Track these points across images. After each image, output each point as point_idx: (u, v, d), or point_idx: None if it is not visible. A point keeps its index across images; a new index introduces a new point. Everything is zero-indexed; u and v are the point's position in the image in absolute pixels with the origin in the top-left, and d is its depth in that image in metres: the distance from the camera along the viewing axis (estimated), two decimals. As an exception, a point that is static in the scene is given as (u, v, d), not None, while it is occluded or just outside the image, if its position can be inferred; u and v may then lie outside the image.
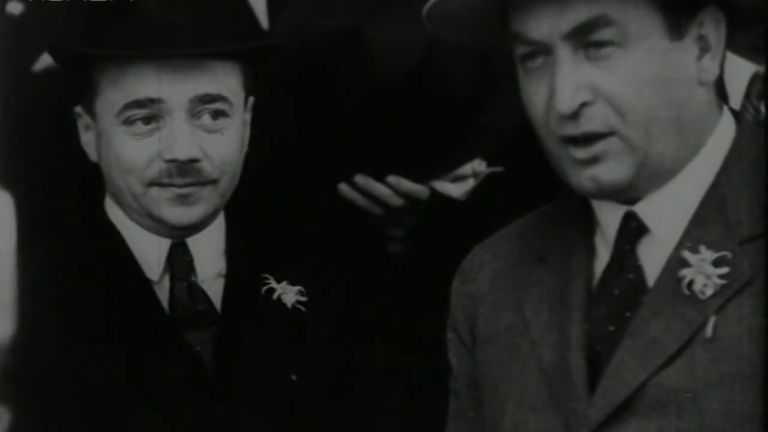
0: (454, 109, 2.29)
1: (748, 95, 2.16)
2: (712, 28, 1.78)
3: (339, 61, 2.28)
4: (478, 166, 2.33)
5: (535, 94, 1.80)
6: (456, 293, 1.99)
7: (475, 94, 2.30)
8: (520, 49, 1.80)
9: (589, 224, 1.86)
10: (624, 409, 1.75)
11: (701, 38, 1.77)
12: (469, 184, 2.32)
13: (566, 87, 1.75)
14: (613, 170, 1.76)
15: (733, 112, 1.84)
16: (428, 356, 2.18)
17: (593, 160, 1.76)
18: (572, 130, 1.76)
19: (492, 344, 1.91)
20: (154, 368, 2.05)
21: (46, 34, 2.16)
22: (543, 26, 1.76)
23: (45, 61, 2.18)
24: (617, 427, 1.75)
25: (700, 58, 1.77)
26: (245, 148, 2.14)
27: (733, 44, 1.83)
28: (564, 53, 1.75)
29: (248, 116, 2.15)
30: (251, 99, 2.14)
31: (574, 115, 1.75)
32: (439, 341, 2.04)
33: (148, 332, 2.07)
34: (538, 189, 2.13)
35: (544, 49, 1.77)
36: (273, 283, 2.13)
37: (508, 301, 1.90)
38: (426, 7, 1.83)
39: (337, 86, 2.28)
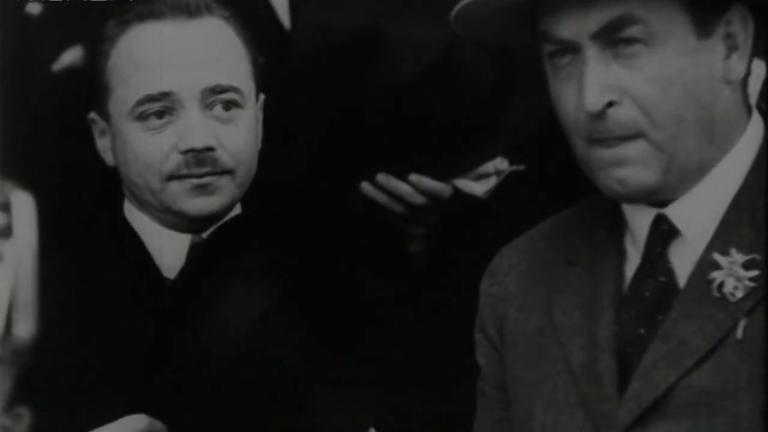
0: (475, 107, 2.28)
1: (763, 95, 2.15)
2: (740, 26, 1.77)
3: (360, 60, 2.27)
4: (501, 164, 2.32)
5: (563, 94, 1.79)
6: (484, 294, 1.98)
7: (497, 92, 2.29)
8: (549, 49, 1.80)
9: (618, 226, 1.86)
10: (653, 410, 1.75)
11: (729, 37, 1.76)
12: (492, 182, 2.31)
13: (593, 85, 1.74)
14: (641, 173, 1.75)
15: (762, 112, 1.83)
16: (453, 356, 2.18)
17: (621, 162, 1.76)
18: (601, 131, 1.76)
19: (520, 345, 1.91)
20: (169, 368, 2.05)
21: (65, 34, 2.16)
22: (571, 25, 1.75)
23: (64, 61, 2.18)
24: (646, 429, 1.75)
25: (727, 57, 1.76)
26: (259, 144, 2.14)
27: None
28: (592, 52, 1.75)
29: (260, 114, 2.15)
30: (262, 96, 2.14)
31: (602, 115, 1.75)
32: (462, 340, 2.04)
33: (165, 332, 2.07)
34: (559, 187, 2.13)
35: (572, 48, 1.76)
36: None
37: (537, 303, 1.90)
38: (455, 10, 1.82)
39: (358, 85, 2.27)
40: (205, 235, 2.11)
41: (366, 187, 2.31)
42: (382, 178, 2.30)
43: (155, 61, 2.03)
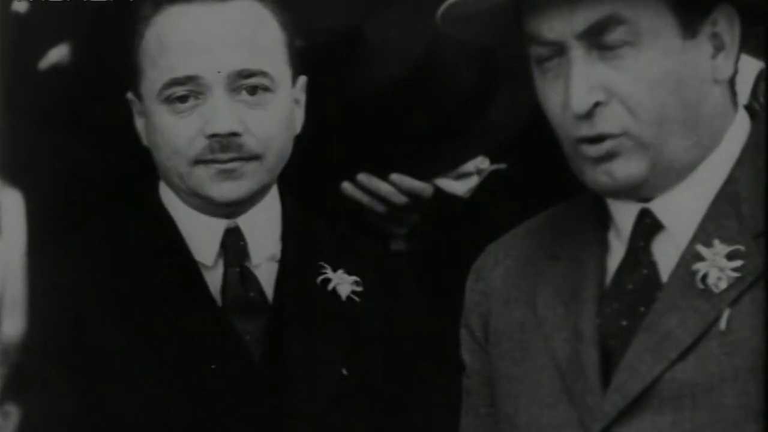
0: (457, 107, 2.30)
1: (754, 92, 2.18)
2: (726, 25, 1.79)
3: (341, 60, 2.28)
4: (482, 163, 2.34)
5: (550, 95, 1.81)
6: (469, 291, 1.99)
7: (478, 91, 2.31)
8: (535, 50, 1.81)
9: (602, 220, 1.87)
10: (638, 403, 1.76)
11: (715, 36, 1.78)
12: (473, 181, 2.33)
13: (580, 87, 1.76)
14: (627, 166, 1.77)
15: (749, 109, 1.85)
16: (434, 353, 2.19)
17: (606, 157, 1.78)
18: (587, 131, 1.77)
19: (505, 341, 1.92)
20: (200, 357, 2.02)
21: (52, 32, 2.16)
22: (556, 26, 1.77)
23: (51, 58, 2.18)
24: (631, 421, 1.76)
25: (714, 56, 1.79)
26: (297, 129, 2.12)
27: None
28: (578, 53, 1.76)
29: (302, 96, 2.13)
30: (303, 78, 2.12)
31: (589, 115, 1.76)
32: (444, 337, 2.06)
33: (196, 319, 2.04)
34: (541, 185, 2.15)
35: (558, 50, 1.78)
36: (329, 273, 2.10)
37: (521, 298, 1.91)
38: (441, 9, 1.83)
39: (338, 85, 2.28)
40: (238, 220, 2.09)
41: (347, 187, 2.32)
42: (363, 177, 2.31)
43: (182, 44, 2.01)
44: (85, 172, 2.14)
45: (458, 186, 2.33)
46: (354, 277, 2.10)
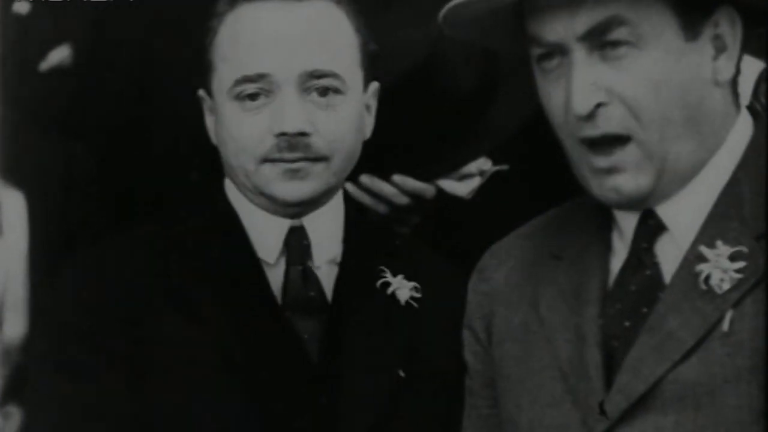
0: (459, 108, 2.30)
1: (755, 93, 2.18)
2: (728, 27, 1.79)
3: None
4: (484, 164, 2.34)
5: (552, 96, 1.81)
6: (472, 291, 2.00)
7: (480, 93, 2.31)
8: (537, 52, 1.82)
9: (606, 221, 1.88)
10: (641, 404, 1.76)
11: (717, 38, 1.79)
12: (475, 182, 2.33)
13: (581, 88, 1.76)
14: (634, 180, 1.77)
15: (751, 109, 1.85)
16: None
17: (615, 170, 1.78)
18: (590, 131, 1.78)
19: (508, 341, 1.92)
20: (256, 353, 2.00)
21: (53, 34, 2.16)
22: (558, 28, 1.77)
23: (52, 60, 2.18)
24: (634, 422, 1.77)
25: (715, 58, 1.79)
26: (366, 134, 2.10)
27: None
28: (579, 54, 1.77)
29: (373, 102, 2.11)
30: (374, 84, 2.10)
31: (591, 116, 1.77)
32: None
33: (256, 316, 2.03)
34: (543, 187, 2.15)
35: (559, 51, 1.78)
36: (389, 277, 2.08)
37: (524, 298, 1.92)
38: (443, 11, 1.84)
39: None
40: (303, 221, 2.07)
41: (350, 188, 2.32)
42: (365, 179, 2.31)
43: (255, 41, 1.99)
44: (86, 173, 2.14)
45: (460, 187, 2.33)
46: (413, 283, 2.08)
